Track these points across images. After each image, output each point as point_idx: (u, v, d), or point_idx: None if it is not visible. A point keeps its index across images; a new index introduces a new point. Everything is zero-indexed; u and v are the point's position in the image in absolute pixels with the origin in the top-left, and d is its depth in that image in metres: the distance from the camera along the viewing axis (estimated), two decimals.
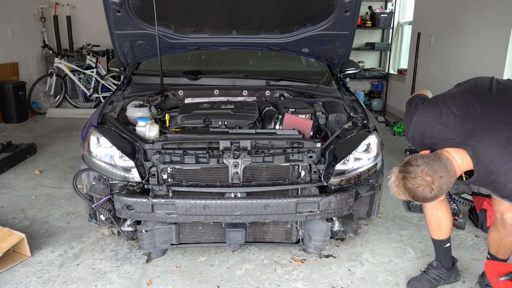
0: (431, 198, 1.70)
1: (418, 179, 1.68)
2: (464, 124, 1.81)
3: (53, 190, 3.65)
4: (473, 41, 4.62)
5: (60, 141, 5.29)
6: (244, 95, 2.97)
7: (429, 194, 1.68)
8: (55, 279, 2.36)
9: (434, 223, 2.20)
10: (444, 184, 1.69)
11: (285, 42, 3.04)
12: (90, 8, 7.47)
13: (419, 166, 1.68)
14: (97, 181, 2.31)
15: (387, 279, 2.40)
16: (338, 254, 2.64)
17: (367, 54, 7.74)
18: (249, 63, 3.85)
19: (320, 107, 2.83)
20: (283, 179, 2.30)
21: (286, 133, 2.37)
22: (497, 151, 1.71)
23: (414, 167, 1.69)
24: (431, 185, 1.67)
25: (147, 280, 2.36)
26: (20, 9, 6.86)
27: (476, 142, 1.74)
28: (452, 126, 1.83)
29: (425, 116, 1.92)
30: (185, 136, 2.32)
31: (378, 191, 2.40)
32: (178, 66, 3.61)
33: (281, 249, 2.66)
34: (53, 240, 2.79)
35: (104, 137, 2.26)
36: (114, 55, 3.24)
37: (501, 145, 1.71)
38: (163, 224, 2.32)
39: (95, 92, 7.30)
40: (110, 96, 2.94)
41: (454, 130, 1.82)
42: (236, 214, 2.15)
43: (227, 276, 2.41)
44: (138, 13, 2.72)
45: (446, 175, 1.69)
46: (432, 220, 2.20)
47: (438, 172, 1.67)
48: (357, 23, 4.09)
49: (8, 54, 6.54)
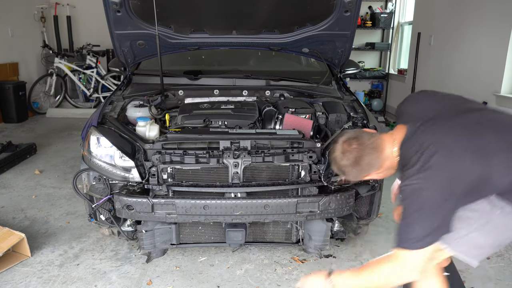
0: (350, 166, 1.55)
1: (337, 145, 1.61)
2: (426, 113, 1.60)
3: (53, 190, 3.65)
4: (473, 41, 4.62)
5: (60, 141, 5.29)
6: (244, 95, 2.97)
7: (346, 162, 1.56)
8: (55, 279, 2.36)
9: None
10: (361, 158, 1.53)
11: (285, 42, 3.04)
12: (90, 8, 7.47)
13: (344, 135, 1.62)
14: (97, 181, 2.31)
15: None
16: (338, 254, 2.64)
17: (367, 54, 7.74)
18: (249, 63, 3.84)
19: (320, 107, 2.83)
20: (283, 179, 2.30)
21: (286, 133, 2.37)
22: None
23: (340, 135, 1.69)
24: (346, 153, 1.55)
25: (147, 280, 2.36)
26: (20, 9, 6.86)
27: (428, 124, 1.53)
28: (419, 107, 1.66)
29: (418, 96, 1.82)
30: (185, 136, 2.32)
31: (378, 191, 2.40)
32: (178, 66, 3.60)
33: (281, 249, 2.66)
34: (53, 240, 2.79)
35: (104, 137, 2.26)
36: (114, 55, 3.24)
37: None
38: (163, 224, 2.33)
39: (95, 92, 7.30)
40: (110, 96, 2.94)
41: (415, 112, 1.64)
42: (236, 214, 2.15)
43: (227, 276, 2.41)
44: (138, 13, 2.72)
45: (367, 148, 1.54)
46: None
47: (356, 142, 1.55)
48: (357, 23, 4.09)
49: (8, 54, 6.54)
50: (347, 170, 1.60)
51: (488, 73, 4.30)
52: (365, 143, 1.56)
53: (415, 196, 1.42)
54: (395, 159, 1.58)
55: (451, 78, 5.08)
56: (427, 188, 1.40)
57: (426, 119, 1.56)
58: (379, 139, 1.59)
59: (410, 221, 1.44)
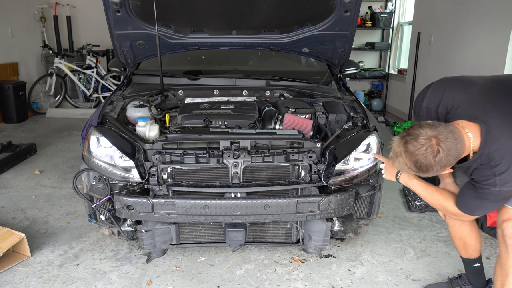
0: (435, 164, 1.53)
1: (421, 138, 1.53)
2: (486, 100, 1.65)
3: (53, 190, 3.65)
4: (473, 41, 4.62)
5: (60, 141, 5.29)
6: (244, 95, 2.97)
7: (433, 159, 1.51)
8: (55, 279, 2.36)
9: (458, 241, 2.09)
10: (451, 150, 1.51)
11: (285, 42, 3.04)
12: (90, 8, 7.48)
13: (423, 129, 1.54)
14: (97, 181, 2.31)
15: (387, 279, 2.40)
16: (338, 254, 2.64)
17: (367, 54, 7.74)
18: (249, 63, 3.84)
19: (320, 107, 2.83)
20: (283, 179, 2.30)
21: (286, 133, 2.37)
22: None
23: (417, 129, 1.55)
24: (436, 147, 1.50)
25: (147, 280, 2.36)
26: (20, 9, 6.86)
27: (495, 123, 1.57)
28: (476, 97, 1.66)
29: (448, 82, 1.79)
30: (185, 136, 2.32)
31: (378, 191, 2.40)
32: (178, 66, 3.60)
33: (281, 249, 2.66)
34: (53, 240, 2.79)
35: (104, 137, 2.26)
36: (114, 55, 3.24)
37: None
38: (163, 224, 2.32)
39: (95, 92, 7.30)
40: (110, 96, 2.94)
41: (475, 102, 1.64)
42: (236, 214, 2.15)
43: (227, 276, 2.41)
44: (138, 13, 2.73)
45: (453, 140, 1.52)
46: (456, 238, 2.09)
47: (443, 135, 1.52)
48: (357, 23, 4.09)
49: (8, 54, 6.54)
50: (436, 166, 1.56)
51: (488, 73, 4.28)
52: (449, 134, 1.54)
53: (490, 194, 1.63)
54: (470, 152, 1.63)
55: None
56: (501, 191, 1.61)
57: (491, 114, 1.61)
58: (455, 128, 1.59)
59: (480, 203, 1.69)
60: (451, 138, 1.53)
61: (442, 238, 2.87)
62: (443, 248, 2.75)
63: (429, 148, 1.52)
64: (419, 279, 2.41)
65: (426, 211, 3.25)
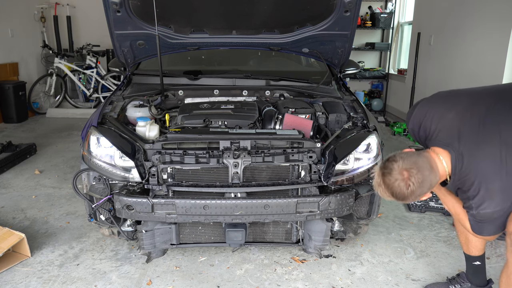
0: (409, 195, 1.62)
1: (394, 173, 1.62)
2: (464, 122, 1.69)
3: (53, 190, 3.65)
4: (473, 41, 4.62)
5: (60, 141, 5.29)
6: (244, 95, 2.97)
7: (406, 190, 1.61)
8: (55, 279, 2.36)
9: (461, 235, 2.15)
10: (424, 181, 1.60)
11: (285, 42, 3.04)
12: (90, 8, 7.48)
13: (396, 162, 1.63)
14: (97, 181, 2.31)
15: (387, 279, 2.40)
16: (338, 254, 2.64)
17: (367, 54, 7.74)
18: (249, 63, 3.84)
19: (320, 107, 2.83)
20: (283, 179, 2.30)
21: (286, 133, 2.37)
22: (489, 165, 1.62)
23: (391, 162, 1.65)
24: (408, 181, 1.60)
25: (147, 280, 2.36)
26: (20, 9, 6.86)
27: (466, 149, 1.65)
28: (453, 123, 1.72)
29: (430, 104, 1.84)
30: (185, 136, 2.32)
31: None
32: (178, 66, 3.61)
33: (281, 249, 2.66)
34: (53, 240, 2.79)
35: (104, 137, 2.26)
36: (114, 55, 3.24)
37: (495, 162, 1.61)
38: (163, 224, 2.32)
39: (95, 92, 7.30)
40: (110, 96, 2.94)
41: (451, 128, 1.72)
42: (236, 214, 2.15)
43: (227, 276, 2.41)
44: (138, 13, 2.72)
45: (426, 171, 1.61)
46: (461, 235, 2.15)
47: (415, 167, 1.60)
48: (357, 23, 4.09)
49: (8, 54, 6.54)
50: (411, 196, 1.64)
51: (488, 73, 4.30)
52: (421, 165, 1.62)
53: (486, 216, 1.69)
54: (446, 177, 1.71)
55: (451, 78, 5.09)
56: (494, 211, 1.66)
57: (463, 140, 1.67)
58: (428, 158, 1.67)
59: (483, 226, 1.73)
60: (423, 169, 1.62)
61: (442, 238, 2.87)
62: (443, 248, 2.75)
63: (402, 182, 1.62)
64: (419, 279, 2.41)
65: (426, 211, 3.25)
